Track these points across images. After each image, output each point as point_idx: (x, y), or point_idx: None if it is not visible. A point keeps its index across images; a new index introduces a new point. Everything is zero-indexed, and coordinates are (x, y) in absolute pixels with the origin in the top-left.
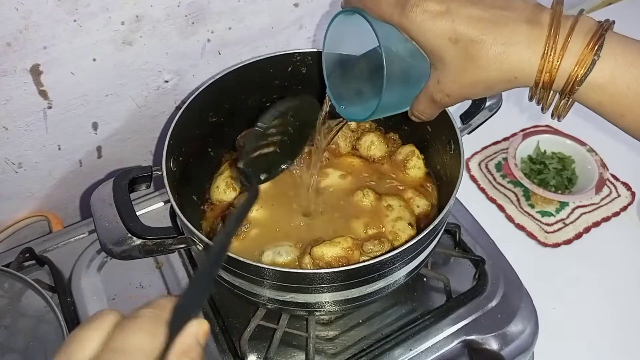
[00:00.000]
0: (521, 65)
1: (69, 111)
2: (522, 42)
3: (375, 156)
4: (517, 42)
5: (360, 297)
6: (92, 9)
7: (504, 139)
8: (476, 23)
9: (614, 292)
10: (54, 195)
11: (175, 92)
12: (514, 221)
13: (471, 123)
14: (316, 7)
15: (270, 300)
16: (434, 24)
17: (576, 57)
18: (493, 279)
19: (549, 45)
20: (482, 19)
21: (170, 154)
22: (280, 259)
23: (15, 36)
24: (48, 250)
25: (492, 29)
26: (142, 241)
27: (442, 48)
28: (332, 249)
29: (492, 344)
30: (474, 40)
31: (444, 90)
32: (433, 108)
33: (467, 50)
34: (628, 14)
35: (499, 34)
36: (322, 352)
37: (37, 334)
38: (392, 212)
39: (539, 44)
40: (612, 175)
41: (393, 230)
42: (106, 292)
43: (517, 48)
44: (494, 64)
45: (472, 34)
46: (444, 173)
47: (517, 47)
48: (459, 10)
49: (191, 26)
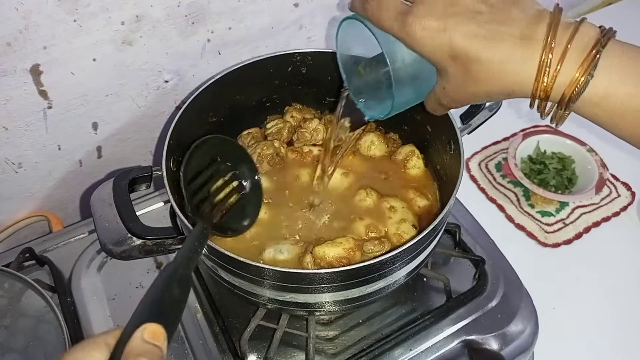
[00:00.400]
0: (518, 80)
1: (69, 111)
2: (518, 59)
3: (375, 156)
4: (512, 60)
5: (360, 297)
6: (92, 9)
7: (504, 139)
8: (472, 40)
9: (614, 292)
10: (54, 195)
11: (175, 92)
12: (514, 221)
13: (471, 123)
14: (316, 7)
15: (270, 300)
16: (433, 41)
17: (569, 77)
18: (493, 279)
19: (542, 66)
20: (477, 36)
21: (170, 154)
22: (281, 256)
23: (15, 36)
24: (48, 250)
25: (488, 46)
26: (142, 241)
27: (442, 63)
28: (334, 249)
29: (492, 344)
30: (471, 59)
31: (449, 96)
32: (442, 109)
33: (466, 66)
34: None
35: (495, 50)
36: (322, 352)
37: (37, 334)
38: (395, 213)
39: (533, 63)
40: (612, 175)
41: (397, 232)
42: (106, 292)
43: (512, 66)
44: (491, 80)
45: (469, 52)
46: (444, 173)
47: (513, 65)
48: (456, 28)
49: (191, 26)
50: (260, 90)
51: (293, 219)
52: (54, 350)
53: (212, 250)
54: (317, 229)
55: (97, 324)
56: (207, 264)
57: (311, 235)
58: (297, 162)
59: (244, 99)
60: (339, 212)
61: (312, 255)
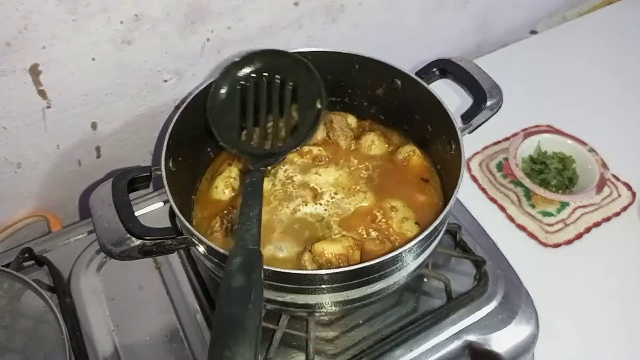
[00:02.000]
0: None
1: (68, 111)
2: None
3: (375, 155)
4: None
5: (361, 298)
6: (92, 9)
7: (504, 139)
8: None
9: (615, 292)
10: (53, 195)
11: (174, 92)
12: (515, 221)
13: (472, 123)
14: (316, 6)
15: (270, 301)
16: None
17: None
18: (493, 280)
19: None
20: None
21: (170, 154)
22: (281, 254)
23: (14, 36)
24: (47, 251)
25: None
26: (141, 242)
27: None
28: (333, 246)
29: (493, 344)
30: None
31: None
32: None
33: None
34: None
35: None
36: (322, 353)
37: (36, 334)
38: (397, 213)
39: None
40: (613, 175)
41: (400, 231)
42: (105, 292)
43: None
44: None
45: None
46: (445, 173)
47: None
48: None
49: (191, 25)
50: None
51: (293, 219)
52: (53, 350)
53: (212, 251)
54: (318, 229)
55: (96, 324)
56: (207, 264)
57: (311, 235)
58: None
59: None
60: (339, 212)
61: (311, 253)
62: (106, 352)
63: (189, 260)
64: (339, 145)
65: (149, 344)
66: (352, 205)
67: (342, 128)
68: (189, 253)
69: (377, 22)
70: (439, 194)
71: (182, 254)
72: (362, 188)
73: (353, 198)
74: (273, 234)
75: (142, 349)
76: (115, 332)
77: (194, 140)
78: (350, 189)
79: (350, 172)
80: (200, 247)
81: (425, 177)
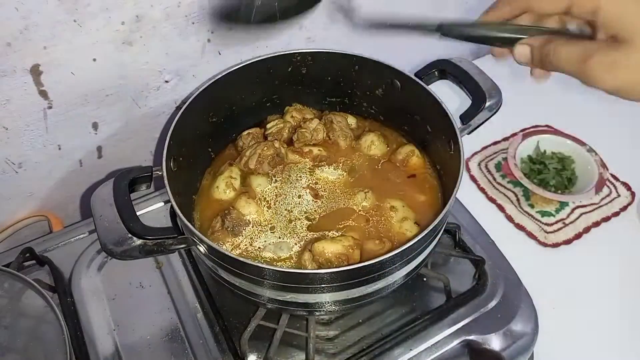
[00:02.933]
0: None
1: (69, 111)
2: None
3: (375, 156)
4: None
5: (361, 297)
6: (92, 9)
7: (503, 139)
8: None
9: (614, 292)
10: (54, 195)
11: (175, 92)
12: (514, 221)
13: (471, 123)
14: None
15: (270, 300)
16: None
17: None
18: (493, 279)
19: None
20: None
21: (171, 154)
22: (281, 254)
23: (15, 36)
24: (48, 250)
25: None
26: (143, 241)
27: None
28: (333, 246)
29: (492, 344)
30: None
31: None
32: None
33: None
34: None
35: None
36: (322, 352)
37: (37, 334)
38: (397, 213)
39: None
40: (612, 175)
41: (400, 230)
42: (106, 292)
43: None
44: None
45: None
46: (444, 173)
47: None
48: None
49: (191, 26)
50: (260, 90)
51: (293, 218)
52: (54, 350)
53: (212, 250)
54: (318, 229)
55: (97, 323)
56: (207, 264)
57: (312, 234)
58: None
59: (244, 99)
60: (340, 212)
61: (311, 252)
62: (107, 351)
63: (189, 260)
64: (339, 145)
65: (150, 344)
66: (352, 205)
67: (342, 128)
68: (189, 253)
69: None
70: (438, 194)
71: (183, 253)
72: (362, 188)
73: (353, 198)
74: (273, 233)
75: (143, 349)
76: (116, 331)
77: (195, 140)
78: (350, 189)
79: (350, 172)
80: (201, 246)
81: (411, 174)
